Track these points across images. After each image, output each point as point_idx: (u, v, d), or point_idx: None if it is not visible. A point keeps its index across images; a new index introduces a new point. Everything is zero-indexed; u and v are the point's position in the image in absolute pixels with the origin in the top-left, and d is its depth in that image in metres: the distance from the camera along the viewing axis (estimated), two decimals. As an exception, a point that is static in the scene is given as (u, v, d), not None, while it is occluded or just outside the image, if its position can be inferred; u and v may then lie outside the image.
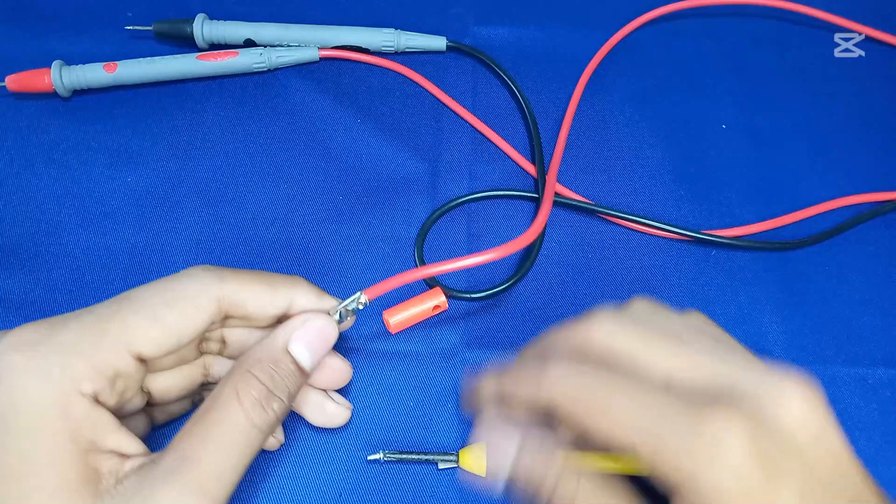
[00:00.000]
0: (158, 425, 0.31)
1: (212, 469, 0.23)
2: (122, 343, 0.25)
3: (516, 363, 0.28)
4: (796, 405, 0.22)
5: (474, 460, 0.30)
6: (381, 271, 0.37)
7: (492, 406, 0.28)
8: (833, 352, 0.36)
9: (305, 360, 0.27)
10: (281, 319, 0.29)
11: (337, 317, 0.29)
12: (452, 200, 0.39)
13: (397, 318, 0.34)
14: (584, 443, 0.25)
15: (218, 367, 0.30)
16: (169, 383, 0.29)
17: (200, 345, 0.30)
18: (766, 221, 0.40)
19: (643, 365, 0.24)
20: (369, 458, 0.32)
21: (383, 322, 0.34)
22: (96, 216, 0.38)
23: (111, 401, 0.25)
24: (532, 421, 0.26)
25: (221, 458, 0.24)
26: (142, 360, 0.25)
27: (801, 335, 0.37)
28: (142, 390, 0.28)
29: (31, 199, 0.38)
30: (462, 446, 0.33)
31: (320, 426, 0.32)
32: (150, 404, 0.29)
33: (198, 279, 0.26)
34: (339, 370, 0.31)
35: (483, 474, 0.30)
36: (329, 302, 0.29)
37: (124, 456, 0.24)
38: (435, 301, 0.34)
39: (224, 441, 0.24)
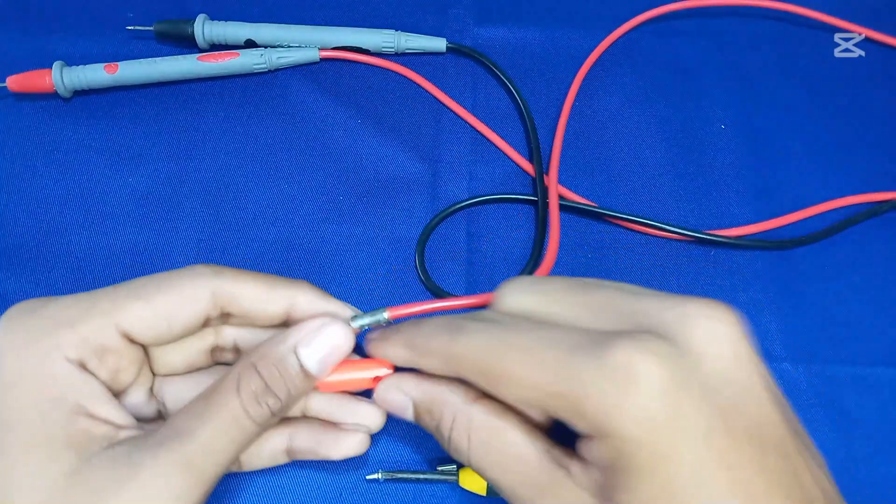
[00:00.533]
0: None
1: (202, 445, 0.24)
2: (110, 318, 0.25)
3: (424, 327, 0.26)
4: (708, 329, 0.21)
5: (475, 479, 0.30)
6: (381, 271, 0.37)
7: (402, 361, 0.27)
8: (832, 351, 0.37)
9: (312, 365, 0.27)
10: (289, 323, 0.28)
11: (357, 327, 0.28)
12: (455, 204, 0.39)
13: (329, 379, 0.28)
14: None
15: (229, 334, 0.30)
16: (181, 388, 0.29)
17: (214, 353, 0.30)
18: (766, 221, 0.40)
19: (549, 320, 0.24)
20: (367, 477, 0.32)
21: None
22: (97, 216, 0.38)
23: (102, 373, 0.25)
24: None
25: (213, 437, 0.24)
26: (133, 341, 0.26)
27: (800, 334, 0.37)
28: (151, 392, 0.28)
29: (32, 200, 0.38)
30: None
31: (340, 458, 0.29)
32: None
33: (194, 271, 0.27)
34: (371, 412, 0.29)
35: (483, 493, 0.30)
36: (334, 305, 0.28)
37: (120, 427, 0.25)
38: (377, 371, 0.28)
39: (218, 422, 0.24)
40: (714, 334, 0.21)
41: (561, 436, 0.24)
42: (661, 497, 0.20)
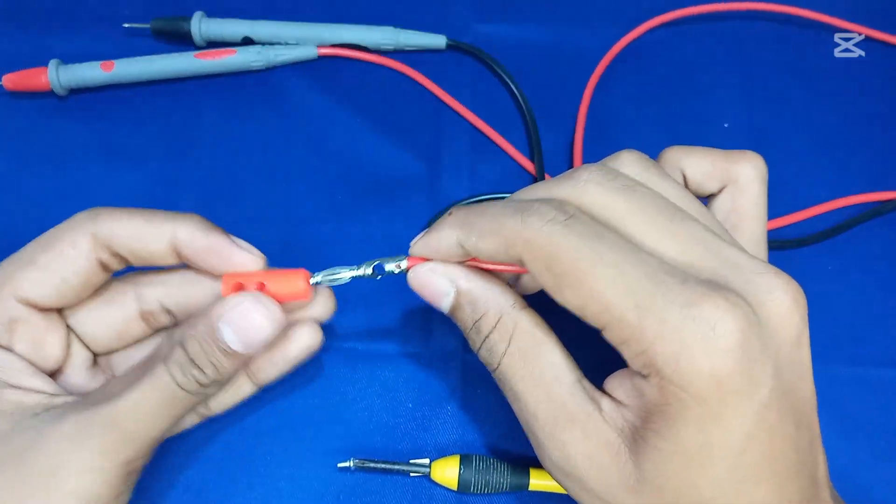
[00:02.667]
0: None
1: (129, 407, 0.24)
2: (7, 291, 0.26)
3: (490, 209, 0.24)
4: (785, 305, 0.21)
5: (446, 473, 0.30)
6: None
7: (451, 245, 0.25)
8: (833, 351, 0.36)
9: (235, 344, 0.25)
10: (181, 259, 0.28)
11: (312, 284, 0.27)
12: (454, 203, 0.39)
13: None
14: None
15: (150, 291, 0.30)
16: (129, 362, 0.29)
17: (147, 321, 0.29)
18: (767, 221, 0.40)
19: (634, 237, 0.22)
20: (339, 465, 0.32)
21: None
22: (93, 215, 0.37)
23: (19, 346, 0.26)
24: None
25: (140, 400, 0.25)
26: (40, 308, 0.27)
27: (802, 335, 0.37)
28: (97, 369, 0.29)
29: (28, 198, 0.38)
30: (459, 450, 0.33)
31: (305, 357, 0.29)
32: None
33: (72, 220, 0.27)
34: (321, 301, 0.29)
35: (455, 488, 0.30)
36: (216, 238, 0.27)
37: (54, 395, 0.26)
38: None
39: (147, 386, 0.25)
40: (791, 313, 0.22)
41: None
42: (700, 454, 0.21)
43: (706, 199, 0.28)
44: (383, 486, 0.32)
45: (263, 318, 0.26)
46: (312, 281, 0.27)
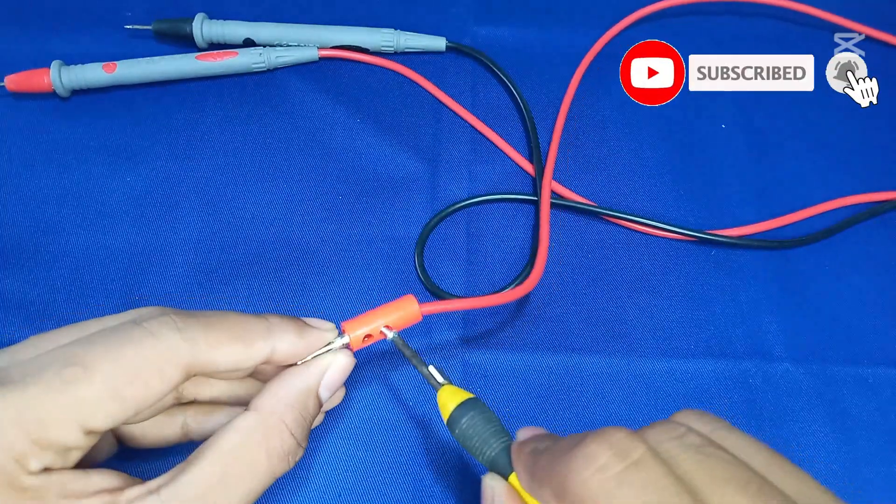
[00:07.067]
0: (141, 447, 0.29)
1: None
2: (74, 421, 0.22)
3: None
4: None
5: (449, 400, 0.27)
6: (380, 271, 0.37)
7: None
8: (833, 351, 0.36)
9: (325, 400, 0.27)
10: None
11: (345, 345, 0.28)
12: (454, 204, 0.39)
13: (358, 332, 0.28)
14: None
15: (191, 386, 0.28)
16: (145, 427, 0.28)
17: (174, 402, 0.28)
18: (766, 221, 0.40)
19: None
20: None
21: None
22: (95, 216, 0.38)
23: (70, 463, 0.22)
24: None
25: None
26: (97, 432, 0.23)
27: (800, 334, 0.37)
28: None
29: (31, 199, 0.38)
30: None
31: None
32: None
33: (164, 341, 0.23)
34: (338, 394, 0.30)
35: (445, 419, 0.27)
36: (312, 336, 0.27)
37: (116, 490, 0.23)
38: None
39: (241, 490, 0.23)
40: None
41: None
42: None
43: None
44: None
45: (348, 364, 0.27)
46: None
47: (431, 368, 0.28)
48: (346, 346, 0.28)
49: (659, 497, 0.16)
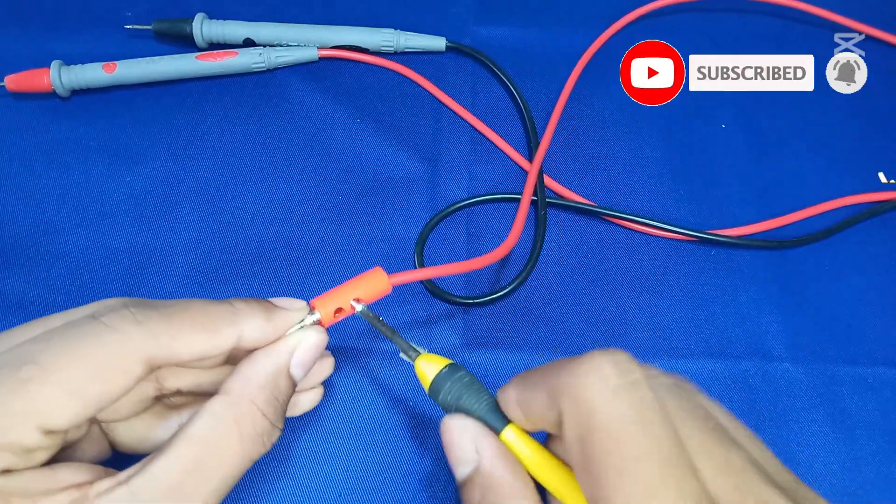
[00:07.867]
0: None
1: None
2: (31, 423, 0.21)
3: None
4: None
5: (427, 370, 0.27)
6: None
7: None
8: (833, 351, 0.36)
9: (300, 378, 0.26)
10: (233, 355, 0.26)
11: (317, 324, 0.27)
12: (454, 204, 0.39)
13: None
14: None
15: (173, 379, 0.28)
16: (130, 426, 0.27)
17: (155, 397, 0.28)
18: (766, 221, 0.40)
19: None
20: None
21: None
22: (95, 216, 0.38)
23: (35, 463, 0.22)
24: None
25: (215, 489, 0.23)
26: (61, 432, 0.22)
27: (800, 334, 0.37)
28: (96, 431, 0.27)
29: (30, 199, 0.38)
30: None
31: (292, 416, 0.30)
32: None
33: (124, 335, 0.22)
34: (325, 365, 0.29)
35: (426, 388, 0.27)
36: (279, 318, 0.26)
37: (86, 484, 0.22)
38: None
39: (216, 475, 0.23)
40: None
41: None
42: None
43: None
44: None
45: (323, 342, 0.27)
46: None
47: (405, 339, 0.28)
48: (318, 323, 0.27)
49: (644, 415, 0.19)
